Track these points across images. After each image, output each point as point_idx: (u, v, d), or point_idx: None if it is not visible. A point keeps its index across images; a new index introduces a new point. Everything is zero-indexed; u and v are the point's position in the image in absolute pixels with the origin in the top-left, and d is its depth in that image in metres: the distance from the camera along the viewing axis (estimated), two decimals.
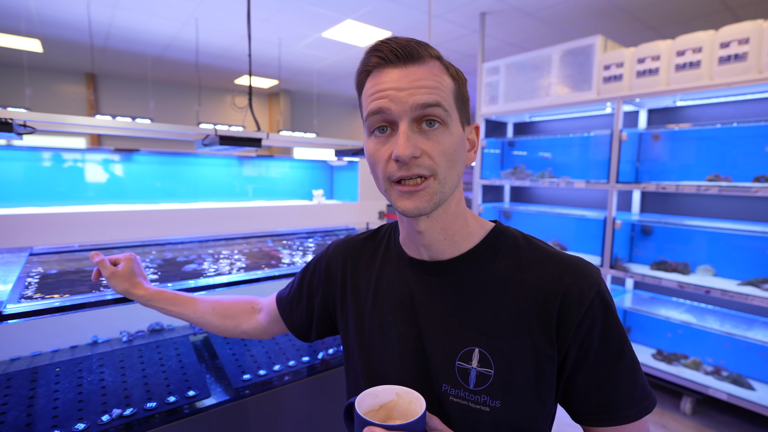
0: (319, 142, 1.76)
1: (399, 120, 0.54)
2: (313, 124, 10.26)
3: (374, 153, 0.57)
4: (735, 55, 2.19)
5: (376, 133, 0.57)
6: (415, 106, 0.53)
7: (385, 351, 0.66)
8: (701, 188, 2.31)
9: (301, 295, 0.81)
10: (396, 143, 0.54)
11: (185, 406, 0.97)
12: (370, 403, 0.54)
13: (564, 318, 0.56)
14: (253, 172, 3.08)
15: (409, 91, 0.54)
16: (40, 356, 1.10)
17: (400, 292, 0.66)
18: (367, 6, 4.38)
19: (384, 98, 0.54)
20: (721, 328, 2.32)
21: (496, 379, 0.57)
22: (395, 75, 0.55)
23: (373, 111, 0.55)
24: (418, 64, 0.55)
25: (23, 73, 7.17)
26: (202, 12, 4.75)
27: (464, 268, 0.62)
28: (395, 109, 0.54)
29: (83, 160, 2.41)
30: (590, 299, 0.56)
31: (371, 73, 0.57)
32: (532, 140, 3.46)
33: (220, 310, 0.87)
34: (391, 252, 0.71)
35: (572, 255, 0.61)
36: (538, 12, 4.38)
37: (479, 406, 0.57)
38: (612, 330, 0.57)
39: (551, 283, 0.58)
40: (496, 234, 0.64)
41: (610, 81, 2.70)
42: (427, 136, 0.55)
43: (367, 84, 0.58)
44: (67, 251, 1.48)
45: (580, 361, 0.57)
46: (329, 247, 0.81)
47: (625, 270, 2.68)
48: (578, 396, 0.58)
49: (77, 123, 1.18)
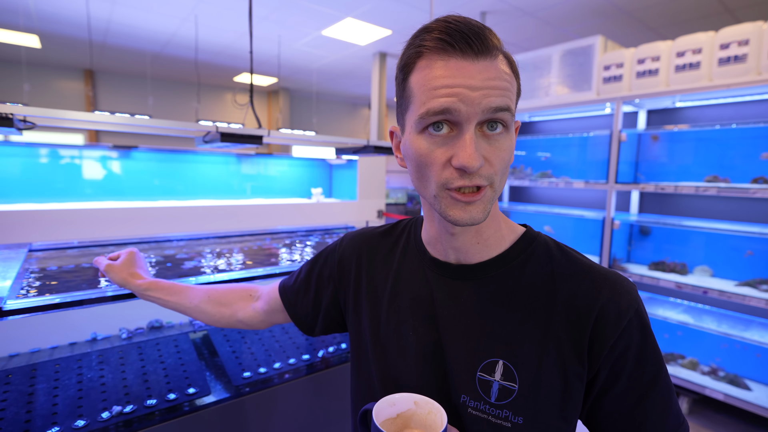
0: (319, 139, 1.76)
1: (466, 123, 0.48)
2: (312, 122, 10.26)
3: (427, 154, 0.50)
4: (735, 56, 2.20)
5: (431, 130, 0.50)
6: (488, 110, 0.47)
7: (402, 355, 0.62)
8: (700, 189, 2.32)
9: (309, 287, 0.77)
10: (460, 149, 0.48)
11: (185, 403, 0.96)
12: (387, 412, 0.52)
13: (598, 336, 0.53)
14: (252, 170, 3.08)
15: (484, 91, 0.47)
16: (39, 353, 1.10)
17: (420, 293, 0.62)
18: (367, 4, 4.38)
19: (453, 96, 0.47)
20: (719, 328, 2.33)
21: (520, 394, 0.53)
22: (467, 69, 0.47)
23: (436, 110, 0.48)
24: (490, 57, 0.48)
25: (21, 68, 7.14)
26: (201, 9, 4.74)
27: (492, 274, 0.58)
28: (465, 111, 0.47)
29: (81, 157, 2.40)
30: (628, 319, 0.53)
31: (426, 57, 0.49)
32: (531, 140, 3.46)
33: (215, 297, 0.84)
34: (411, 250, 0.67)
35: (609, 269, 0.57)
36: (538, 12, 4.39)
37: (500, 421, 0.54)
38: (648, 352, 0.54)
39: (586, 298, 0.54)
40: (527, 240, 0.60)
41: (610, 81, 2.71)
42: (490, 141, 0.50)
43: (421, 71, 0.50)
44: (67, 248, 1.48)
45: (612, 382, 0.54)
46: (343, 239, 0.77)
47: (623, 270, 2.68)
48: (605, 419, 0.55)
49: (77, 118, 1.18)
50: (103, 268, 0.88)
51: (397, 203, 7.27)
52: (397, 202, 7.27)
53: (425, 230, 0.65)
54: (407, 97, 0.53)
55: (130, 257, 0.90)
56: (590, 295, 0.54)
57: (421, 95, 0.50)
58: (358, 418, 0.58)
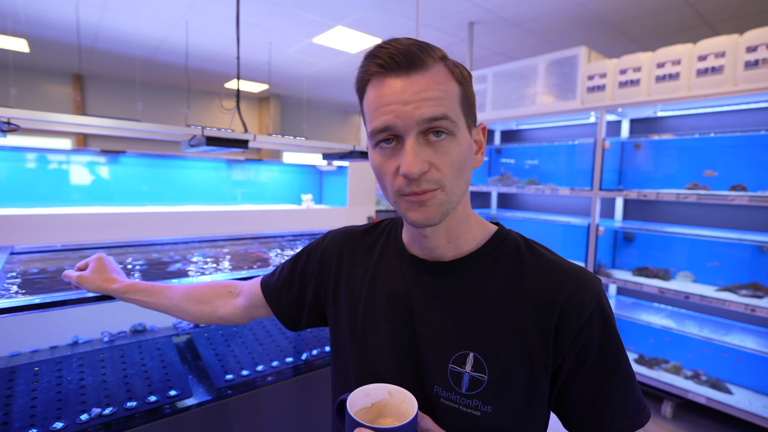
0: (305, 144, 1.77)
1: (405, 135, 0.53)
2: (303, 129, 10.27)
3: (380, 166, 0.56)
4: (712, 67, 2.27)
5: (382, 144, 0.55)
6: (421, 121, 0.52)
7: (378, 348, 0.65)
8: (680, 196, 2.37)
9: (293, 284, 0.79)
10: (403, 158, 0.52)
11: (166, 405, 0.96)
12: (362, 402, 0.54)
13: (562, 327, 0.56)
14: (241, 175, 3.07)
15: (414, 104, 0.51)
16: (19, 356, 1.09)
17: (397, 289, 0.65)
18: (357, 13, 4.43)
19: (388, 114, 0.52)
20: (700, 333, 2.38)
21: (490, 384, 0.56)
22: (398, 86, 0.52)
23: (379, 128, 0.53)
24: (421, 71, 0.53)
25: (8, 72, 7.06)
26: (192, 15, 4.75)
27: (464, 271, 0.62)
28: (401, 124, 0.52)
29: (68, 161, 2.38)
30: (590, 311, 0.56)
31: (371, 81, 0.55)
32: (518, 147, 3.52)
33: (195, 296, 0.85)
34: (391, 248, 0.70)
35: (574, 264, 0.61)
36: (525, 23, 4.48)
37: (470, 410, 0.57)
38: (610, 342, 0.57)
39: (551, 291, 0.57)
40: (498, 238, 0.64)
41: (594, 91, 2.77)
42: (435, 147, 0.53)
43: (368, 93, 0.56)
44: (49, 251, 1.46)
45: (576, 371, 0.57)
46: (325, 236, 0.79)
47: (608, 276, 2.72)
48: (572, 406, 0.59)
49: (62, 121, 1.18)
50: (74, 280, 0.87)
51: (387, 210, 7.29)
52: (387, 209, 7.29)
53: (405, 230, 0.69)
54: (364, 117, 0.59)
55: (99, 263, 0.88)
56: (555, 289, 0.58)
57: (368, 115, 0.56)
58: (335, 409, 0.59)
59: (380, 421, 0.54)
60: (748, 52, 2.15)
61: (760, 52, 2.11)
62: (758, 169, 2.32)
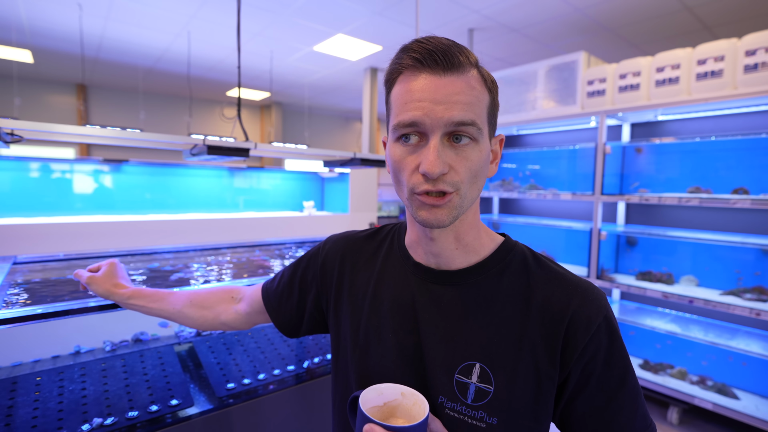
0: (306, 152, 1.78)
1: (430, 134, 0.52)
2: (304, 136, 10.32)
3: (400, 161, 0.55)
4: (711, 71, 2.27)
5: (403, 140, 0.54)
6: (450, 123, 0.51)
7: (381, 356, 0.63)
8: (682, 200, 2.37)
9: (292, 291, 0.78)
10: (425, 157, 0.52)
11: (167, 415, 0.96)
12: (375, 400, 0.54)
13: (570, 340, 0.56)
14: (243, 183, 3.08)
15: (446, 105, 0.51)
16: (21, 366, 1.09)
17: (401, 296, 0.64)
18: (358, 21, 4.47)
19: (418, 110, 0.51)
20: (705, 337, 2.36)
21: (496, 396, 0.56)
22: (432, 84, 0.52)
23: (404, 123, 0.53)
24: (457, 73, 0.52)
25: (12, 83, 7.13)
26: (194, 25, 4.80)
27: (472, 281, 0.61)
28: (429, 122, 0.51)
29: (72, 171, 2.39)
30: (597, 324, 0.56)
31: (403, 74, 0.54)
32: (519, 153, 3.52)
33: (197, 301, 0.85)
34: (395, 254, 0.69)
35: (581, 277, 0.60)
36: (524, 29, 4.50)
37: (475, 422, 0.56)
38: (616, 356, 0.57)
39: (559, 304, 0.57)
40: (505, 249, 0.63)
41: (594, 96, 2.78)
42: (456, 151, 0.53)
43: (398, 85, 0.55)
44: (52, 260, 1.47)
45: (582, 385, 0.56)
46: (326, 242, 0.78)
47: (611, 280, 2.71)
48: (577, 420, 0.58)
49: (64, 132, 1.19)
50: (84, 280, 0.88)
51: (389, 216, 7.29)
52: (389, 215, 7.30)
53: (408, 235, 0.67)
54: (389, 109, 0.58)
55: (111, 268, 0.90)
56: (563, 301, 0.57)
57: (396, 108, 0.55)
58: (348, 405, 0.59)
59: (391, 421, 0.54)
60: (747, 55, 2.16)
61: (759, 56, 2.12)
62: (760, 172, 2.31)
